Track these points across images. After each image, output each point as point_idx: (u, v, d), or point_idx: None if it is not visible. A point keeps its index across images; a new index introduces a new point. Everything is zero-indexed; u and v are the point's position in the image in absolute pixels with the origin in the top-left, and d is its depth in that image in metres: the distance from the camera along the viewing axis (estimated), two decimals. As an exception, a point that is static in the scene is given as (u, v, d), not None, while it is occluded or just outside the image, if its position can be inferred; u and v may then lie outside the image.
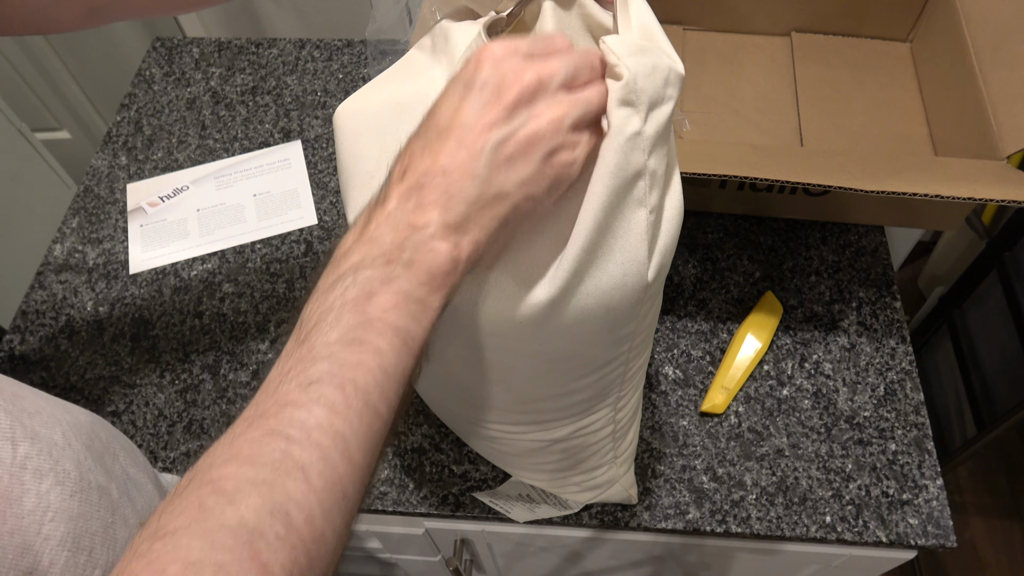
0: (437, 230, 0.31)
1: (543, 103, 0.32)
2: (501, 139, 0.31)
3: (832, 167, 0.60)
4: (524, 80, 0.32)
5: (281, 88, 0.93)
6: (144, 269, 0.79)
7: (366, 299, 0.30)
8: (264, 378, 0.30)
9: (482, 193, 0.31)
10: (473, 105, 0.32)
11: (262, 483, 0.26)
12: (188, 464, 0.67)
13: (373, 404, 0.29)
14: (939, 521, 0.62)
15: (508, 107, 0.31)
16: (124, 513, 0.37)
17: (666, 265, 0.41)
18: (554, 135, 0.32)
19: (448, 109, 0.32)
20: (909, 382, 0.69)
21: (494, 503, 0.64)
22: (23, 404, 0.35)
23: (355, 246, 0.31)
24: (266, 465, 0.26)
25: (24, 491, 0.31)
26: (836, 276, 0.75)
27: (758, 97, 0.81)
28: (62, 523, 0.32)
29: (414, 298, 0.30)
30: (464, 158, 0.31)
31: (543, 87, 0.32)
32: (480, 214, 0.32)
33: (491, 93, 0.32)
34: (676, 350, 0.71)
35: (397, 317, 0.30)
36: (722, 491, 0.64)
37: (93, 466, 0.36)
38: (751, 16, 0.84)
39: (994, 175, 0.60)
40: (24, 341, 0.75)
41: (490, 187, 0.31)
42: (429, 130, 0.32)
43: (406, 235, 0.31)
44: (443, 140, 0.32)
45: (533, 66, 0.32)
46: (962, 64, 0.70)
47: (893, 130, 0.77)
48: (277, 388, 0.28)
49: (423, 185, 0.31)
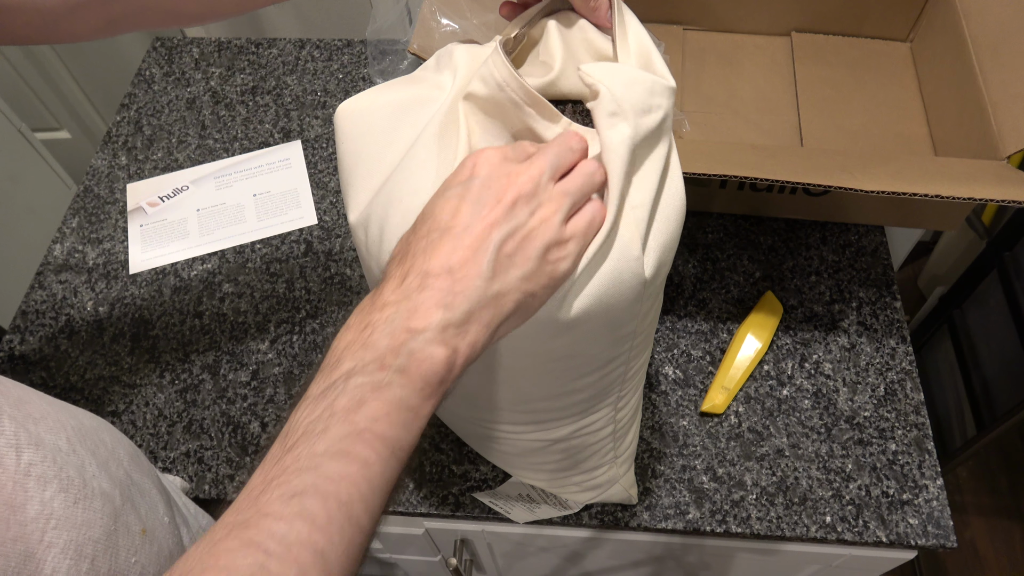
0: (435, 334, 0.30)
1: (537, 200, 0.34)
2: (503, 237, 0.32)
3: (832, 167, 0.60)
4: (519, 183, 0.33)
5: (281, 88, 0.93)
6: (144, 269, 0.79)
7: (356, 407, 0.29)
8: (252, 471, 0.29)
9: (485, 291, 0.32)
10: (473, 205, 0.33)
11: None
12: (188, 464, 0.67)
13: (356, 518, 0.28)
14: (939, 521, 0.62)
15: (507, 207, 0.33)
16: (127, 520, 0.37)
17: (666, 263, 0.41)
18: (548, 231, 0.33)
19: (447, 210, 0.33)
20: (909, 382, 0.69)
21: (494, 503, 0.64)
22: (28, 409, 0.35)
23: (348, 351, 0.31)
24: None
25: (27, 498, 0.31)
26: (836, 276, 0.75)
27: (758, 97, 0.81)
28: (65, 531, 0.32)
29: (406, 406, 0.30)
30: (468, 256, 0.32)
31: (537, 186, 0.34)
32: (482, 312, 0.32)
33: (492, 195, 0.33)
34: (676, 350, 0.71)
35: (387, 427, 0.29)
36: (722, 491, 0.64)
37: (97, 472, 0.36)
38: (751, 16, 0.84)
39: (994, 175, 0.59)
40: (24, 341, 0.75)
41: (493, 285, 0.32)
42: (431, 231, 0.33)
43: (402, 340, 0.30)
44: (444, 240, 0.32)
45: (524, 169, 0.34)
46: (962, 64, 0.70)
47: (893, 130, 0.77)
48: (259, 496, 0.28)
49: (424, 287, 0.31)
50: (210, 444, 0.68)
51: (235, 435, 0.69)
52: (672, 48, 0.83)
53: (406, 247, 0.33)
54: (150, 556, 0.37)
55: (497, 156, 0.34)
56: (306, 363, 0.72)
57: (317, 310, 0.76)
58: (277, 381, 0.71)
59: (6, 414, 0.33)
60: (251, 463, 0.67)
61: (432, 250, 0.32)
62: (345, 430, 0.29)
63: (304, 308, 0.76)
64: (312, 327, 0.74)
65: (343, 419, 0.29)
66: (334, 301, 0.76)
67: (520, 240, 0.33)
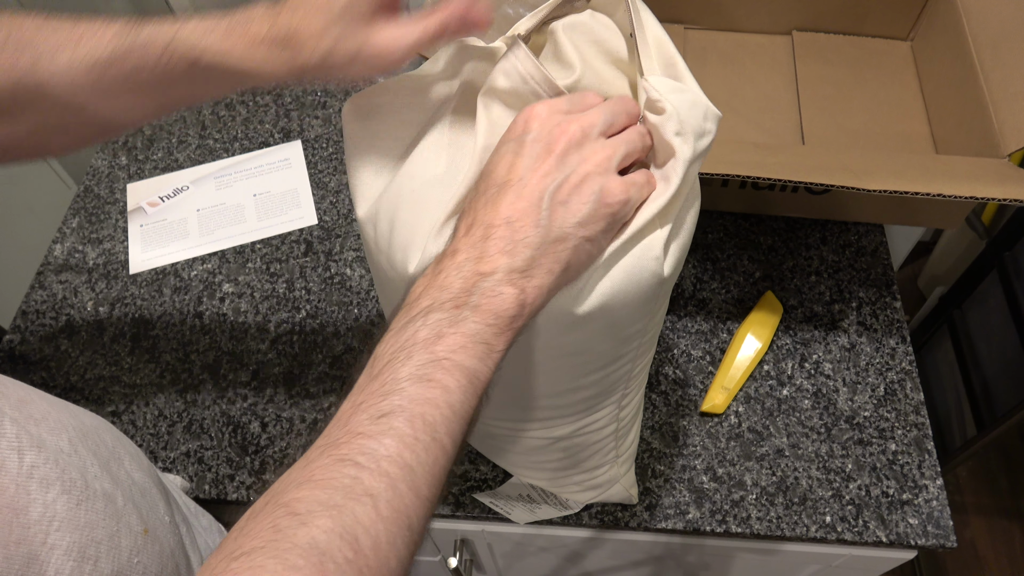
0: (504, 276, 0.33)
1: (588, 148, 0.35)
2: (557, 185, 0.34)
3: (834, 166, 0.60)
4: (570, 132, 0.35)
5: (281, 88, 0.93)
6: (144, 269, 0.79)
7: (436, 339, 0.31)
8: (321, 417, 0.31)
9: (544, 238, 0.34)
10: (527, 159, 0.35)
11: (333, 507, 0.26)
12: (188, 464, 0.67)
13: (440, 439, 0.30)
14: (939, 521, 0.62)
15: (559, 156, 0.35)
16: (129, 521, 0.37)
17: (681, 262, 0.41)
18: (602, 174, 0.35)
19: (504, 166, 0.35)
20: (909, 382, 0.69)
21: (494, 504, 0.64)
22: (30, 410, 0.35)
23: (425, 292, 0.33)
24: (338, 490, 0.27)
25: (30, 500, 0.31)
26: (836, 276, 0.75)
27: (759, 96, 0.81)
28: (68, 532, 0.32)
29: (481, 339, 0.32)
30: (525, 207, 0.34)
31: (587, 135, 0.35)
32: (544, 258, 0.34)
33: (542, 147, 0.35)
34: (676, 350, 0.71)
35: (465, 357, 0.31)
36: (722, 491, 0.64)
37: (99, 473, 0.36)
38: (752, 15, 0.84)
39: (995, 173, 0.59)
40: (24, 341, 0.75)
41: (551, 232, 0.34)
42: (490, 187, 0.35)
43: (474, 281, 0.33)
44: (503, 193, 0.34)
45: (575, 119, 0.35)
46: (963, 62, 0.70)
47: (894, 128, 0.77)
48: (349, 419, 0.29)
49: (488, 236, 0.34)
50: (210, 444, 0.68)
51: (235, 435, 0.69)
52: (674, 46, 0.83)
53: (470, 204, 0.36)
54: (152, 556, 0.38)
55: (546, 110, 0.36)
56: (306, 363, 0.72)
57: (317, 310, 0.76)
58: (277, 381, 0.71)
59: (8, 416, 0.33)
60: (251, 463, 0.67)
61: (493, 204, 0.34)
62: (427, 358, 0.31)
63: (304, 308, 0.76)
64: (312, 327, 0.74)
65: (424, 349, 0.31)
66: (334, 301, 0.76)
67: (573, 186, 0.34)
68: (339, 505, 0.26)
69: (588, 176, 0.35)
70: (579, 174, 0.35)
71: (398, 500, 0.28)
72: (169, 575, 0.39)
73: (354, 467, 0.27)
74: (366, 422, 0.29)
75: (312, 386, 0.71)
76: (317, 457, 0.28)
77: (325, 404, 0.70)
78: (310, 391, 0.71)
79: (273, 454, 0.68)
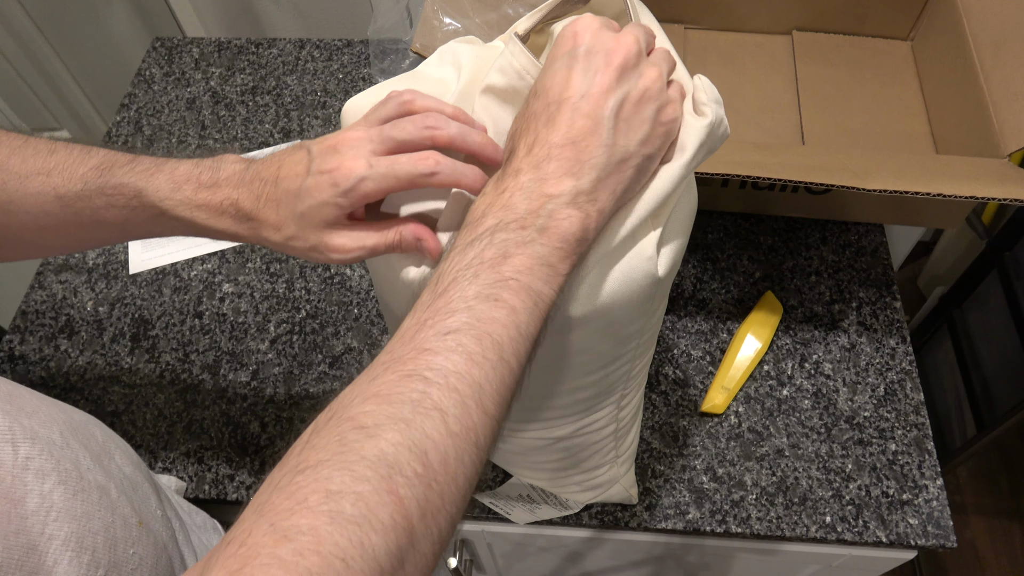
0: (570, 199, 0.32)
1: (644, 64, 0.35)
2: (619, 102, 0.33)
3: (834, 166, 0.60)
4: (626, 43, 0.34)
5: (281, 88, 0.93)
6: (144, 269, 0.79)
7: (502, 259, 0.31)
8: None
9: (609, 158, 0.33)
10: (583, 74, 0.34)
11: (401, 420, 0.26)
12: (188, 464, 0.67)
13: (507, 358, 0.30)
14: (939, 521, 0.62)
15: (618, 71, 0.34)
16: (123, 512, 0.37)
17: (677, 262, 0.41)
18: (660, 92, 0.35)
19: (558, 81, 0.34)
20: (909, 382, 0.69)
21: (494, 504, 0.64)
22: (20, 403, 0.35)
23: (489, 211, 0.33)
24: (406, 404, 0.26)
25: (27, 491, 0.31)
26: (836, 276, 0.75)
27: (759, 96, 0.81)
28: (65, 523, 0.32)
29: (547, 262, 0.32)
30: (588, 126, 0.33)
31: (640, 50, 0.35)
32: (609, 179, 0.33)
33: (600, 60, 0.34)
34: (676, 350, 0.71)
35: (531, 279, 0.31)
36: (722, 491, 0.64)
37: (92, 465, 0.36)
38: (752, 15, 0.84)
39: (995, 173, 0.59)
40: (24, 341, 0.75)
41: (616, 152, 0.33)
42: (549, 104, 0.34)
43: (540, 203, 0.32)
44: (563, 111, 0.33)
45: (623, 35, 0.35)
46: (963, 62, 0.70)
47: (894, 128, 0.77)
48: (414, 336, 0.29)
49: (552, 157, 0.33)
50: (210, 444, 0.68)
51: (235, 435, 0.69)
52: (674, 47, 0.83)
53: (526, 122, 0.34)
54: (147, 547, 0.38)
55: (596, 22, 0.35)
56: (306, 363, 0.72)
57: (317, 310, 0.76)
58: (277, 381, 0.71)
59: None
60: (251, 463, 0.67)
61: (552, 123, 0.33)
62: (494, 277, 0.30)
63: (304, 308, 0.76)
64: (312, 327, 0.74)
65: (491, 268, 0.31)
66: (334, 301, 0.76)
67: (635, 104, 0.34)
68: (408, 419, 0.26)
69: (647, 92, 0.34)
70: (639, 89, 0.34)
71: (467, 417, 0.27)
72: (164, 567, 0.39)
73: (423, 382, 0.27)
74: (433, 338, 0.28)
75: (312, 386, 0.71)
76: (382, 373, 0.28)
77: (325, 404, 0.70)
78: (310, 391, 0.71)
79: (273, 454, 0.68)
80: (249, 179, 0.39)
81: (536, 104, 0.35)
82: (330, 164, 0.36)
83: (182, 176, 0.39)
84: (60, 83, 1.47)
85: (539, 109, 0.34)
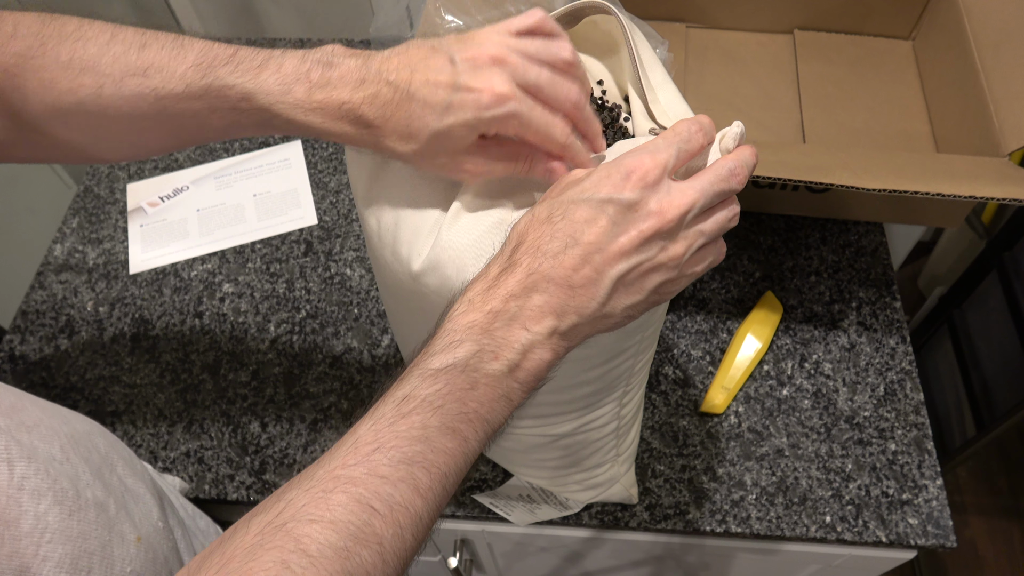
0: (545, 338, 0.33)
1: (673, 237, 0.34)
2: (629, 268, 0.33)
3: (835, 165, 0.59)
4: (668, 216, 0.33)
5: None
6: (144, 269, 0.79)
7: (469, 389, 0.32)
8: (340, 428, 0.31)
9: (595, 312, 0.33)
10: (610, 227, 0.33)
11: (343, 550, 0.27)
12: (188, 464, 0.67)
13: (449, 487, 0.31)
14: (939, 521, 0.62)
15: (644, 239, 0.33)
16: (121, 529, 0.36)
17: None
18: (671, 271, 0.34)
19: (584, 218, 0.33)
20: (909, 382, 0.69)
21: (494, 505, 0.64)
22: (22, 417, 0.35)
23: (470, 332, 0.32)
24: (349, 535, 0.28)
25: (22, 512, 0.31)
26: (836, 276, 0.75)
27: (761, 95, 0.81)
28: (60, 544, 0.32)
29: (509, 397, 0.33)
30: (591, 278, 0.33)
31: (682, 222, 0.34)
32: (585, 327, 0.34)
33: (635, 222, 0.33)
34: (676, 350, 0.71)
35: (490, 411, 0.32)
36: (722, 491, 0.64)
37: (91, 480, 0.36)
38: (754, 14, 0.84)
39: (996, 172, 0.59)
40: (24, 341, 0.75)
41: (604, 308, 0.33)
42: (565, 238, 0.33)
43: (517, 336, 0.32)
44: (574, 253, 0.33)
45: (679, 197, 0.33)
46: (964, 62, 0.70)
47: (895, 127, 0.77)
48: (370, 455, 0.29)
49: (546, 291, 0.33)
50: (210, 444, 0.68)
51: (235, 435, 0.69)
52: (675, 46, 0.83)
53: (535, 236, 0.34)
54: (145, 564, 0.37)
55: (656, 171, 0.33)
56: (306, 363, 0.72)
57: (317, 310, 0.75)
58: (277, 381, 0.71)
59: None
60: (251, 463, 0.67)
61: (560, 258, 0.33)
62: (457, 409, 0.31)
63: (304, 308, 0.76)
64: (312, 327, 0.74)
65: (457, 399, 0.31)
66: (334, 301, 0.76)
67: (642, 273, 0.34)
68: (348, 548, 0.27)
69: (660, 267, 0.34)
70: (653, 262, 0.34)
71: (402, 547, 0.29)
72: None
73: (369, 512, 0.28)
74: (387, 465, 0.29)
75: (312, 386, 0.71)
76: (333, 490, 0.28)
77: (325, 404, 0.70)
78: (310, 391, 0.71)
79: (273, 454, 0.67)
80: (372, 79, 0.35)
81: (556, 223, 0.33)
82: (478, 83, 0.35)
83: (290, 74, 0.36)
84: (60, 82, 1.47)
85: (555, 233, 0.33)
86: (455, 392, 0.31)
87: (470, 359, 0.32)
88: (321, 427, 0.69)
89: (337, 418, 0.69)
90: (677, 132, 0.35)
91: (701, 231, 0.35)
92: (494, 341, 0.32)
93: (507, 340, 0.32)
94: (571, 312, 0.33)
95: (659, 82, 0.42)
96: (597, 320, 0.34)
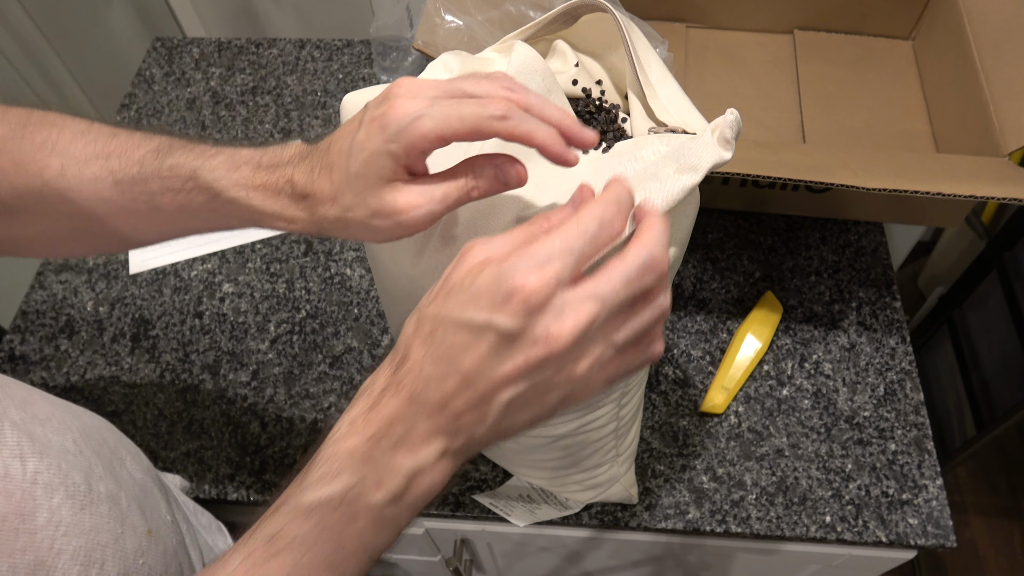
0: (435, 461, 0.30)
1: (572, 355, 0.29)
2: (516, 394, 0.29)
3: (835, 164, 0.60)
4: (558, 343, 0.28)
5: (281, 88, 0.93)
6: (144, 269, 0.79)
7: (347, 523, 0.30)
8: None
9: (490, 432, 0.30)
10: (491, 355, 0.28)
11: None
12: (188, 464, 0.67)
13: None
14: (939, 521, 0.62)
15: (531, 368, 0.28)
16: (133, 522, 0.37)
17: (679, 258, 0.41)
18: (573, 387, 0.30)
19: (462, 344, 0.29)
20: (909, 382, 0.69)
21: (494, 505, 0.64)
22: (34, 410, 0.35)
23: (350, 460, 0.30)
24: None
25: (36, 506, 0.31)
26: (836, 276, 0.75)
27: (761, 95, 0.81)
28: (74, 537, 0.32)
29: (396, 521, 0.31)
30: (473, 402, 0.29)
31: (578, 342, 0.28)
32: (482, 442, 0.31)
33: (516, 349, 0.28)
34: (676, 350, 0.71)
35: (373, 538, 0.30)
36: (722, 491, 0.64)
37: (103, 473, 0.36)
38: (754, 14, 0.84)
39: (996, 172, 0.59)
40: (24, 341, 0.75)
41: (499, 427, 0.30)
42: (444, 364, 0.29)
43: (401, 462, 0.30)
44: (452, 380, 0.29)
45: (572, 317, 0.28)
46: (964, 61, 0.70)
47: (895, 127, 0.77)
48: None
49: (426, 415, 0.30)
50: (210, 444, 0.68)
51: (235, 435, 0.69)
52: (675, 45, 0.83)
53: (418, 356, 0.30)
54: (156, 556, 0.38)
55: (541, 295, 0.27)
56: (306, 363, 0.72)
57: (317, 310, 0.75)
58: (277, 381, 0.71)
59: (8, 421, 0.33)
60: (251, 463, 0.67)
61: (441, 385, 0.29)
62: (333, 547, 0.30)
63: (304, 308, 0.76)
64: (312, 327, 0.74)
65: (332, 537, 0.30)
66: (334, 301, 0.76)
67: (539, 392, 0.30)
68: None
69: (559, 387, 0.29)
70: (548, 384, 0.29)
71: None
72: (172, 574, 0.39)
73: None
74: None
75: (312, 386, 0.71)
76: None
77: (325, 404, 0.70)
78: (310, 391, 0.71)
79: (273, 454, 0.67)
80: (307, 153, 0.36)
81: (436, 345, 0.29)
82: (381, 109, 0.32)
83: (242, 158, 0.36)
84: (60, 83, 1.47)
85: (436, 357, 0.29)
86: (328, 530, 0.29)
87: (348, 492, 0.29)
88: (321, 427, 0.69)
89: (337, 418, 0.69)
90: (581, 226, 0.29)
91: (612, 343, 0.30)
92: (376, 470, 0.29)
93: (390, 468, 0.29)
94: (461, 434, 0.30)
95: (658, 79, 0.42)
96: (495, 436, 0.31)
